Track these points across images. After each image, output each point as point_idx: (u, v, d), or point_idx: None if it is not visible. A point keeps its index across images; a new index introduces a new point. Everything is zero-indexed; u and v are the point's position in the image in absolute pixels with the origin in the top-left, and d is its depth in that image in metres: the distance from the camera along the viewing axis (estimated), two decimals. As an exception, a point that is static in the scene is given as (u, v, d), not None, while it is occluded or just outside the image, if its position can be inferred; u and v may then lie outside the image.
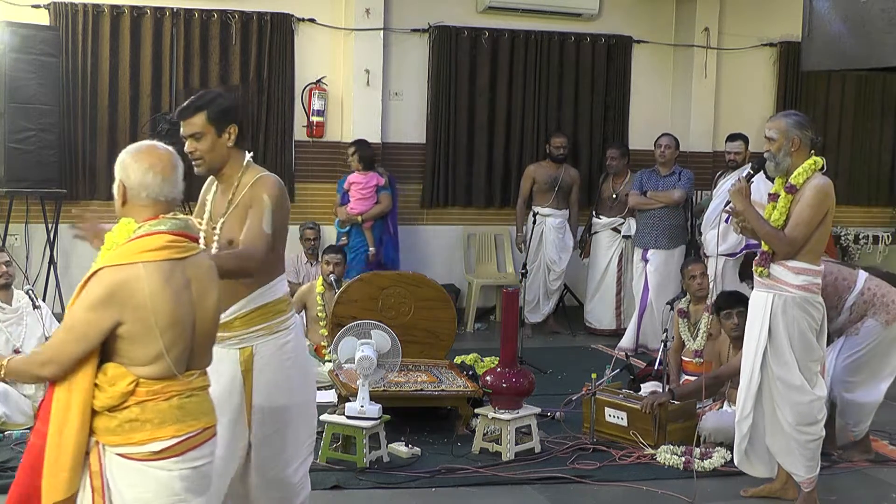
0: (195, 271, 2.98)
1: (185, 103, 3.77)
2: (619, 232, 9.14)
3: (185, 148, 3.69)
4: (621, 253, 9.18)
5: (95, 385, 2.85)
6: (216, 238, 3.73)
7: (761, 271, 4.95)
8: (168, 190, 2.98)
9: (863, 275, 5.81)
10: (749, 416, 5.04)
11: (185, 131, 3.71)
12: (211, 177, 3.87)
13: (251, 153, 3.83)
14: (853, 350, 5.71)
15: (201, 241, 3.72)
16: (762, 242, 4.97)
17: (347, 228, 8.63)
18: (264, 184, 3.73)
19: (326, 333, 7.06)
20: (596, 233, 9.31)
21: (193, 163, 3.72)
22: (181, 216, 3.01)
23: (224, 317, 3.65)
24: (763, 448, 5.10)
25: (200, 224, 3.81)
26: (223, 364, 3.67)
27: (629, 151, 9.40)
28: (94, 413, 2.87)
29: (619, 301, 9.22)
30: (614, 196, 9.18)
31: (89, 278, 2.86)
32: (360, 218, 8.54)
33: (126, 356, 2.86)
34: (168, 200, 2.98)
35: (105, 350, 2.87)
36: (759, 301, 4.98)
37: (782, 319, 4.87)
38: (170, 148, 3.06)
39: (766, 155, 4.96)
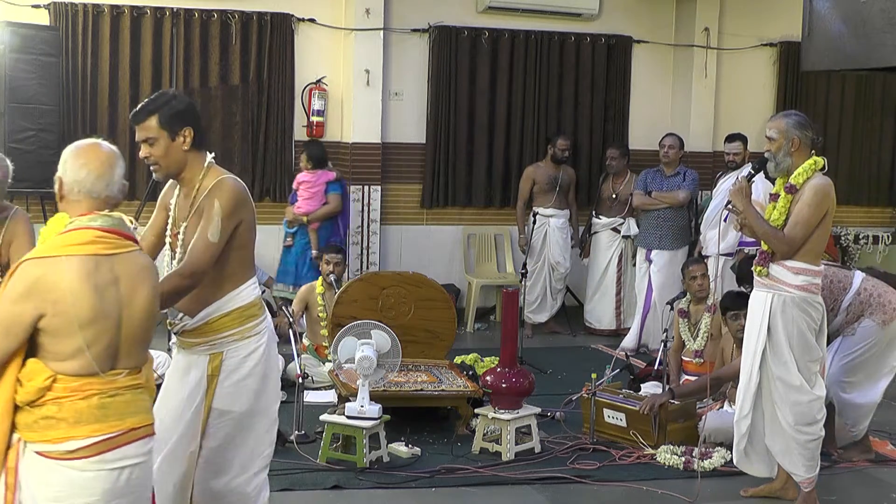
0: (125, 269, 2.94)
1: (137, 107, 3.67)
2: (619, 232, 9.14)
3: (140, 153, 3.62)
4: (621, 253, 9.18)
5: (18, 380, 2.85)
6: (180, 242, 3.69)
7: (760, 270, 4.96)
8: (101, 187, 2.97)
9: (859, 275, 5.82)
10: (748, 415, 5.05)
11: (139, 136, 3.62)
12: (171, 180, 3.78)
13: (212, 154, 3.73)
14: (850, 350, 5.71)
15: (165, 246, 3.73)
16: (761, 242, 4.98)
17: (295, 229, 8.38)
18: (219, 189, 3.60)
19: (327, 334, 7.06)
20: (596, 233, 9.31)
21: (151, 168, 3.66)
22: (116, 214, 2.99)
23: (194, 322, 3.66)
24: (763, 447, 5.10)
25: (168, 232, 3.76)
26: (192, 370, 3.68)
27: (629, 151, 9.40)
28: (17, 408, 2.86)
29: (618, 301, 9.22)
30: (614, 196, 9.17)
31: (14, 271, 2.86)
32: (305, 218, 8.29)
33: (47, 350, 2.85)
34: (102, 198, 2.98)
35: (30, 344, 2.86)
36: (759, 301, 4.99)
37: (781, 319, 4.88)
38: (113, 147, 3.03)
39: (766, 155, 4.96)
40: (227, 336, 3.66)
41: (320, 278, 7.38)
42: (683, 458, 5.62)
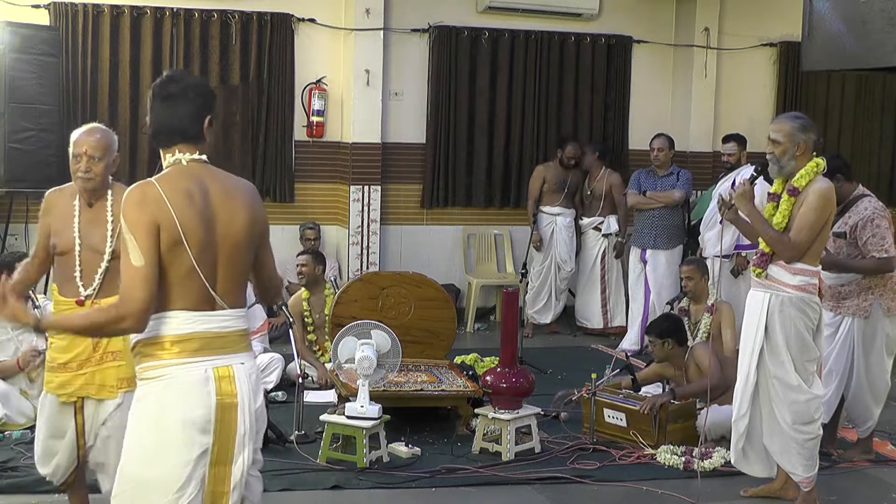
0: None
1: None
2: (600, 231, 9.15)
3: None
4: (604, 252, 9.18)
5: None
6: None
7: (759, 272, 4.95)
8: None
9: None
10: (746, 415, 5.05)
11: None
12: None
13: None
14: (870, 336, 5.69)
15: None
16: (759, 242, 4.98)
17: None
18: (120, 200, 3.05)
19: (315, 339, 7.12)
20: (584, 233, 9.33)
21: None
22: None
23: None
24: (761, 447, 5.10)
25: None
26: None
27: (603, 147, 9.37)
28: None
29: (604, 300, 9.22)
30: (589, 192, 9.20)
31: None
32: None
33: None
34: None
35: None
36: (757, 301, 4.98)
37: (779, 319, 4.88)
38: None
39: (768, 157, 4.94)
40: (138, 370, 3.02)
41: (304, 290, 7.25)
42: (683, 458, 5.62)
